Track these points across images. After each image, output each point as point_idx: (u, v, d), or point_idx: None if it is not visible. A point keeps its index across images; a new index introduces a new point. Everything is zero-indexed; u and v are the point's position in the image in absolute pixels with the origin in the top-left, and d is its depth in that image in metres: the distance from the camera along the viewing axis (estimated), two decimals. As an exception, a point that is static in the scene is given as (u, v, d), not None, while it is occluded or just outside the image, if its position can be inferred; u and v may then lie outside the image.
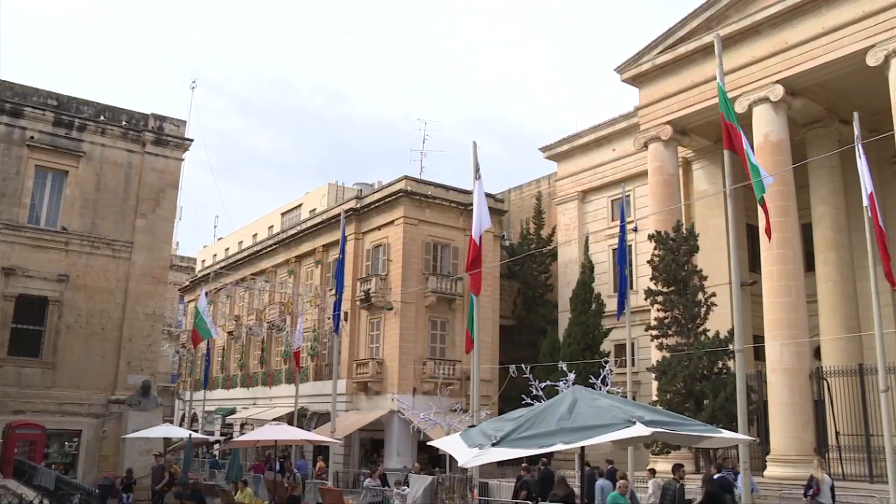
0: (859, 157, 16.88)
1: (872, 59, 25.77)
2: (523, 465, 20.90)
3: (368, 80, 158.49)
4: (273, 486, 25.41)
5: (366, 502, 24.70)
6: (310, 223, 46.48)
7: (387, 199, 39.70)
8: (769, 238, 14.19)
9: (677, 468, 17.46)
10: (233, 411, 49.86)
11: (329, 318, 35.58)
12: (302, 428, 32.56)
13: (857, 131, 17.23)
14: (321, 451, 37.55)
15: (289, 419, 37.20)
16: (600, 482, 18.54)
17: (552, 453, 17.41)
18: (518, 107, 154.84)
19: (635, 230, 32.50)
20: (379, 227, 40.28)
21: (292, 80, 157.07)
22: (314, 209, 55.85)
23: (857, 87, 28.23)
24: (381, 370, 38.01)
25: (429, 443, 13.47)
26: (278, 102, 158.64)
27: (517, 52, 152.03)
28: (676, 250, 27.18)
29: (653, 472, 21.05)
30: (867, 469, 25.15)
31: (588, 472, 20.26)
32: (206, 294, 41.33)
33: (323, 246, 43.89)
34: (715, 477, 17.16)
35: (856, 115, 17.76)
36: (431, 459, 32.50)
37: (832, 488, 17.82)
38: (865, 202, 16.46)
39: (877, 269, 16.96)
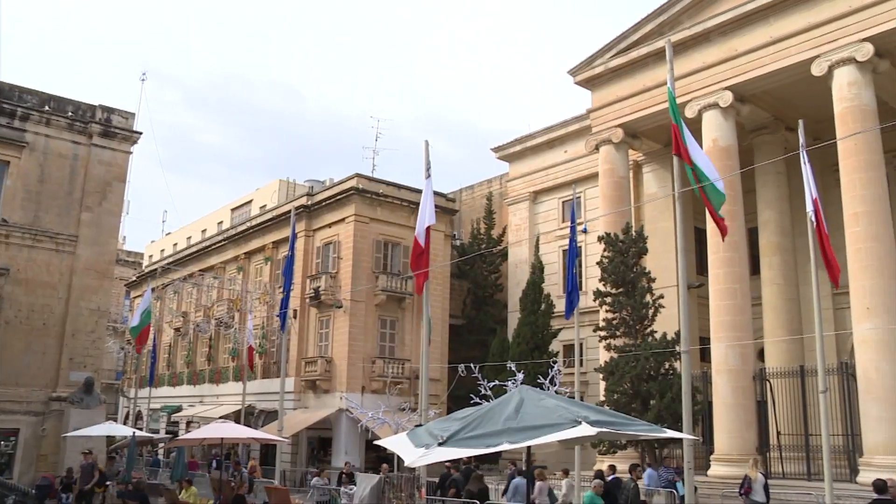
0: (804, 163, 17.21)
1: (817, 70, 26.38)
2: (446, 463, 21.02)
3: (323, 77, 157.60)
4: (218, 484, 25.05)
5: (313, 501, 24.52)
6: (260, 219, 46.03)
7: (338, 197, 39.51)
8: (723, 237, 14.28)
9: (634, 468, 17.87)
10: (179, 409, 49.17)
11: (278, 316, 35.25)
12: (249, 426, 32.22)
13: (801, 139, 17.57)
14: (268, 449, 37.21)
15: (236, 417, 36.81)
16: (516, 480, 18.88)
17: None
18: (472, 107, 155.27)
19: (585, 231, 32.78)
20: (330, 225, 40.07)
21: (246, 76, 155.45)
22: (265, 205, 55.35)
23: (802, 96, 28.85)
24: (329, 368, 37.81)
25: (375, 442, 13.45)
26: (231, 97, 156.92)
27: (473, 51, 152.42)
28: (625, 252, 27.47)
29: (566, 471, 21.33)
30: (806, 467, 25.74)
31: (512, 471, 20.57)
32: (153, 290, 40.64)
33: (273, 243, 43.50)
34: (608, 478, 17.88)
35: (801, 122, 18.11)
36: (378, 459, 32.42)
37: (766, 487, 18.17)
38: (810, 208, 16.77)
39: (818, 274, 17.32)
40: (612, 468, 19.41)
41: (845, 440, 25.28)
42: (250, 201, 61.26)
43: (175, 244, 67.57)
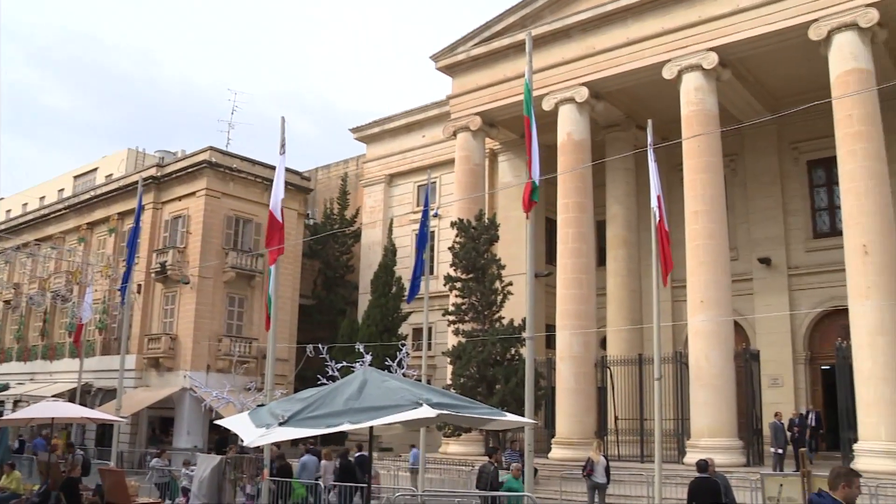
0: (651, 161, 17.89)
1: (668, 73, 27.56)
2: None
3: (181, 44, 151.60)
4: (46, 468, 23.71)
5: (151, 483, 23.68)
6: (105, 189, 44.03)
7: (189, 170, 38.31)
8: (526, 210, 14.56)
9: (492, 452, 18.52)
10: (5, 387, 46.24)
11: (119, 290, 33.73)
12: (85, 405, 30.79)
13: (650, 137, 18.22)
14: (105, 430, 35.73)
15: (70, 396, 35.11)
16: (304, 458, 19.64)
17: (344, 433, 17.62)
18: (334, 86, 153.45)
19: (436, 216, 33.05)
20: (179, 198, 38.78)
21: (98, 35, 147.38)
22: (111, 174, 53.00)
23: (653, 97, 30.04)
24: (174, 346, 36.69)
25: (215, 421, 13.09)
26: (80, 58, 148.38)
27: (337, 30, 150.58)
28: (477, 239, 27.86)
29: (329, 454, 21.83)
30: (640, 450, 27.00)
31: (309, 455, 20.69)
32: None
33: (118, 214, 41.70)
34: (355, 456, 19.53)
35: (650, 122, 18.80)
36: (220, 440, 31.71)
37: (606, 468, 19.20)
38: (653, 204, 17.47)
39: (658, 268, 18.10)
40: (359, 447, 21.13)
41: (676, 424, 26.65)
42: (95, 169, 58.59)
43: (8, 210, 63.70)
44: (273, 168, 37.88)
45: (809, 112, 23.34)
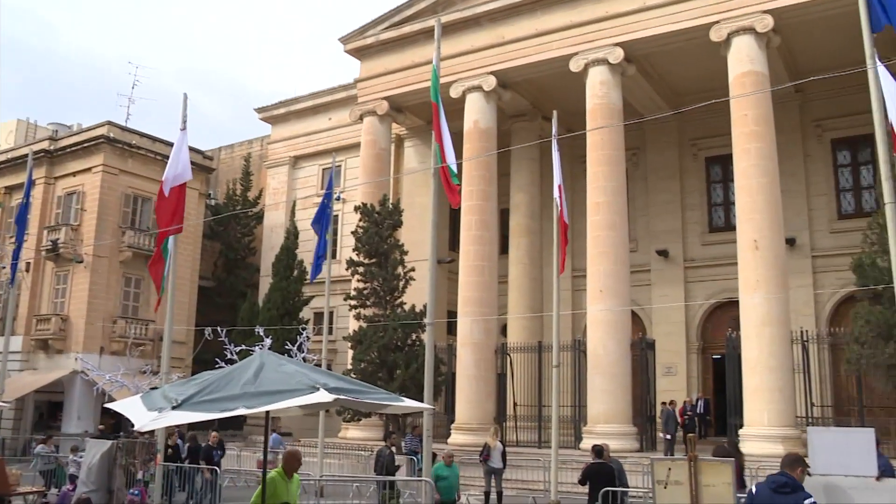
0: (554, 151, 18.17)
1: (574, 66, 27.96)
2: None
3: (79, 12, 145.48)
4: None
5: (36, 470, 22.81)
6: (-9, 161, 42.00)
7: (85, 144, 36.99)
8: (455, 205, 14.75)
9: (388, 436, 18.50)
10: None
11: (5, 268, 32.32)
12: (-37, 390, 29.41)
13: (554, 128, 18.50)
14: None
15: (-53, 378, 33.47)
16: (179, 442, 20.50)
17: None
18: (241, 65, 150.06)
19: (339, 199, 32.80)
20: (74, 174, 37.38)
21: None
22: (-2, 146, 50.58)
23: (560, 89, 30.41)
24: (65, 327, 35.40)
25: (106, 405, 12.66)
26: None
27: (245, 8, 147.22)
28: (381, 224, 27.78)
29: (188, 437, 21.96)
30: (538, 435, 27.49)
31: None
32: None
33: (5, 188, 39.97)
34: (208, 443, 20.22)
35: (555, 113, 19.08)
36: (115, 425, 30.80)
37: (503, 453, 19.52)
38: (555, 193, 17.74)
39: (559, 256, 18.41)
40: (216, 436, 21.17)
41: (573, 411, 27.24)
42: (-21, 139, 55.84)
43: None
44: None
45: (708, 110, 24.13)
